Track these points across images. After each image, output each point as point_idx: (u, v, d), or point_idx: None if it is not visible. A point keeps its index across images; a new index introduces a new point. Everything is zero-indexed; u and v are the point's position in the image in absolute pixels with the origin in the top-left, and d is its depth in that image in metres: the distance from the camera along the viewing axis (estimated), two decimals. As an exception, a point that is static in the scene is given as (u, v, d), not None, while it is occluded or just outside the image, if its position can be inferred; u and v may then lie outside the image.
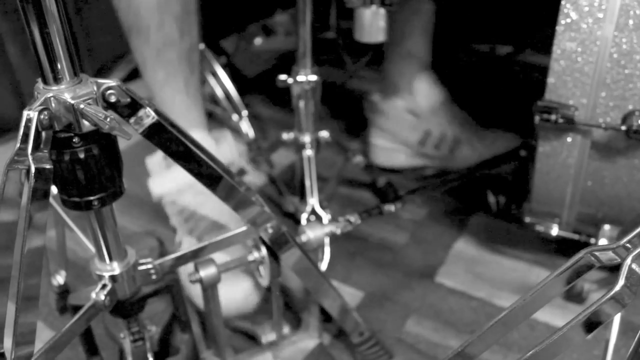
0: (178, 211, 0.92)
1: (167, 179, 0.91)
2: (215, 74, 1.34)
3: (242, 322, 0.83)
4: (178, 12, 0.91)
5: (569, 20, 0.70)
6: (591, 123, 0.73)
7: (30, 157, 0.45)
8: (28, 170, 0.45)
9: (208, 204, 0.89)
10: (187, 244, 0.89)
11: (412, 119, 1.15)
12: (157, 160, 0.94)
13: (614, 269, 0.41)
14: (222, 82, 1.33)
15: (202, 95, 1.01)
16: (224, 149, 0.96)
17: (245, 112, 1.31)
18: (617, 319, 0.73)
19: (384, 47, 1.17)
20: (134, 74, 1.46)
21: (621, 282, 0.39)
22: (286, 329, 0.81)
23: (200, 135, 0.95)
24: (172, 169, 0.92)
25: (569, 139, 0.76)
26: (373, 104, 1.21)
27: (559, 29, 0.70)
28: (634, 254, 0.39)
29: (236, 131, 1.30)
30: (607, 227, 0.82)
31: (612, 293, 0.39)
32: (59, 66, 0.46)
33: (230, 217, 0.67)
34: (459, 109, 1.19)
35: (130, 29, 0.93)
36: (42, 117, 0.45)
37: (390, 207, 0.89)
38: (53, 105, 0.46)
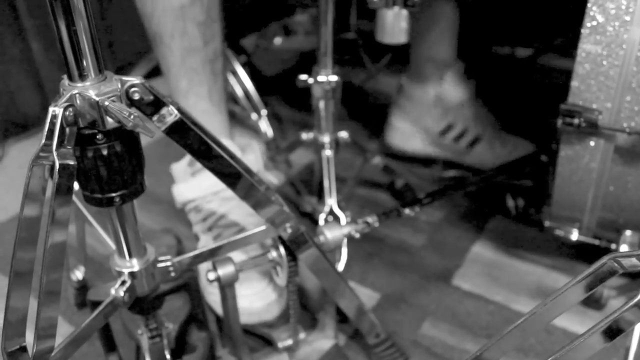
0: (202, 218, 0.92)
1: (191, 186, 0.91)
2: (235, 73, 1.34)
3: (258, 326, 0.83)
4: (201, 19, 0.92)
5: (594, 23, 0.69)
6: (615, 127, 0.72)
7: (54, 153, 0.45)
8: (52, 166, 0.45)
9: (233, 212, 0.89)
10: None
11: (439, 109, 1.15)
12: (182, 166, 0.95)
13: (637, 275, 0.40)
14: (242, 81, 1.34)
15: (226, 103, 1.01)
16: (250, 159, 0.96)
17: (264, 112, 1.31)
18: (638, 327, 0.72)
19: (409, 50, 1.17)
20: (154, 72, 1.47)
21: (645, 289, 0.38)
22: (302, 335, 0.81)
23: (224, 143, 0.95)
24: (197, 176, 0.92)
25: (591, 143, 0.75)
26: (401, 86, 1.20)
27: (584, 31, 0.70)
28: (659, 261, 0.39)
29: (255, 130, 1.31)
30: (628, 232, 0.81)
31: (635, 300, 0.39)
32: (84, 63, 0.46)
33: (255, 226, 0.67)
34: (486, 109, 1.18)
35: (154, 36, 0.93)
36: (67, 113, 0.46)
37: (410, 212, 0.88)
38: (78, 102, 0.47)
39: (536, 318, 0.46)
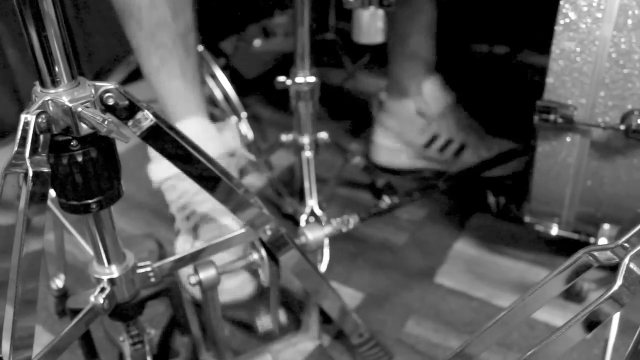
0: (177, 196, 0.91)
1: (167, 164, 0.91)
2: (214, 76, 1.34)
3: (238, 312, 0.82)
4: None
5: (567, 20, 0.70)
6: (590, 123, 0.73)
7: (27, 161, 0.45)
8: (26, 174, 0.45)
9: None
10: (185, 233, 0.89)
11: (421, 121, 1.15)
12: None
13: (613, 268, 0.41)
14: (221, 84, 1.33)
15: (201, 80, 0.98)
16: (227, 137, 0.94)
17: (244, 114, 1.31)
18: (616, 318, 0.73)
19: (387, 49, 1.17)
20: (133, 77, 1.46)
21: (619, 281, 0.39)
22: (283, 318, 0.81)
23: (200, 121, 0.94)
24: None
25: (568, 139, 0.76)
26: (381, 103, 1.20)
27: (557, 28, 0.70)
28: (632, 253, 0.39)
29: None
30: (606, 226, 0.82)
31: (610, 293, 0.39)
32: (56, 69, 0.46)
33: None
34: (467, 115, 1.19)
35: (123, 11, 0.91)
36: (39, 120, 0.45)
37: (390, 209, 0.89)
38: (51, 108, 0.46)
39: (516, 312, 0.47)
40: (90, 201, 0.51)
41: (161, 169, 0.91)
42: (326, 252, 0.93)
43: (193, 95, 0.95)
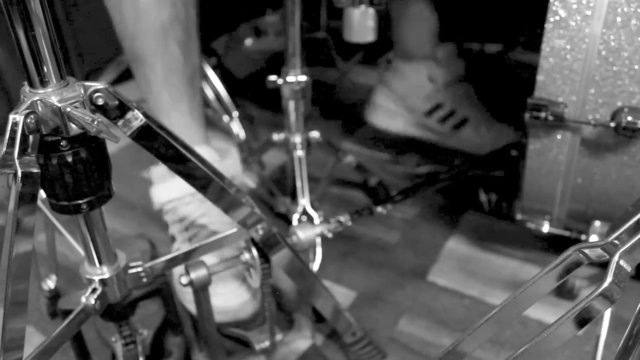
0: (178, 219, 0.91)
1: (170, 187, 0.91)
2: (205, 76, 1.33)
3: (234, 328, 0.82)
4: (182, 37, 0.93)
5: (557, 17, 0.70)
6: (580, 120, 0.73)
7: (16, 162, 0.44)
8: (15, 175, 0.44)
9: (210, 213, 0.89)
10: None
11: (430, 87, 1.13)
12: (162, 169, 0.94)
13: (604, 265, 0.41)
14: (213, 84, 1.33)
15: (204, 115, 1.02)
16: (228, 164, 0.96)
17: (235, 113, 1.31)
18: (607, 314, 0.73)
19: (390, 14, 1.15)
20: (123, 77, 1.46)
21: (609, 278, 0.39)
22: (279, 336, 0.81)
23: (204, 150, 0.96)
24: (176, 177, 0.92)
25: (558, 136, 0.76)
26: (389, 62, 1.18)
27: (547, 26, 0.71)
28: (622, 250, 0.39)
29: (227, 132, 1.30)
30: (597, 223, 0.83)
31: (600, 290, 0.39)
32: (45, 69, 0.46)
33: (231, 227, 0.68)
34: (475, 91, 1.17)
35: (136, 57, 0.94)
36: (28, 120, 0.45)
37: (382, 209, 0.89)
38: (40, 108, 0.46)
39: (508, 310, 0.47)
40: (80, 201, 0.51)
41: (164, 192, 0.92)
42: (318, 251, 0.93)
43: (198, 129, 0.99)
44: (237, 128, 1.29)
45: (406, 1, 1.12)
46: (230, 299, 0.80)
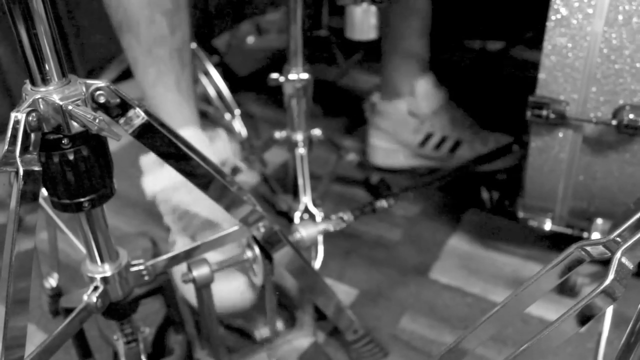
0: (171, 209, 0.91)
1: (160, 177, 0.91)
2: (207, 73, 1.33)
3: (235, 319, 0.83)
4: (168, 8, 0.90)
5: (559, 16, 0.70)
6: (582, 118, 0.73)
7: (18, 160, 0.44)
8: (17, 173, 0.44)
9: (202, 201, 0.88)
10: (181, 243, 0.89)
11: (414, 122, 1.15)
12: (151, 158, 0.94)
13: (606, 262, 0.41)
14: (215, 81, 1.33)
15: (195, 92, 1.00)
16: (219, 147, 0.95)
17: (237, 111, 1.31)
18: (609, 312, 0.73)
19: (381, 47, 1.17)
20: (125, 75, 1.46)
21: (611, 276, 0.39)
22: (280, 325, 0.81)
23: (193, 132, 0.95)
24: (166, 167, 0.92)
25: (560, 134, 0.76)
26: (373, 105, 1.21)
27: (549, 24, 0.70)
28: (624, 247, 0.39)
29: (229, 130, 1.30)
30: (599, 220, 0.83)
31: (602, 287, 0.39)
32: (46, 67, 0.45)
33: (224, 215, 0.67)
34: (461, 111, 1.19)
35: (120, 26, 0.92)
36: (30, 118, 0.45)
37: (383, 204, 0.89)
38: (41, 106, 0.46)
39: (510, 307, 0.47)
40: (82, 200, 0.51)
41: (154, 182, 0.91)
42: (320, 248, 0.93)
43: (187, 107, 0.97)
44: (239, 126, 1.29)
45: (399, 38, 1.14)
46: (232, 290, 0.80)
